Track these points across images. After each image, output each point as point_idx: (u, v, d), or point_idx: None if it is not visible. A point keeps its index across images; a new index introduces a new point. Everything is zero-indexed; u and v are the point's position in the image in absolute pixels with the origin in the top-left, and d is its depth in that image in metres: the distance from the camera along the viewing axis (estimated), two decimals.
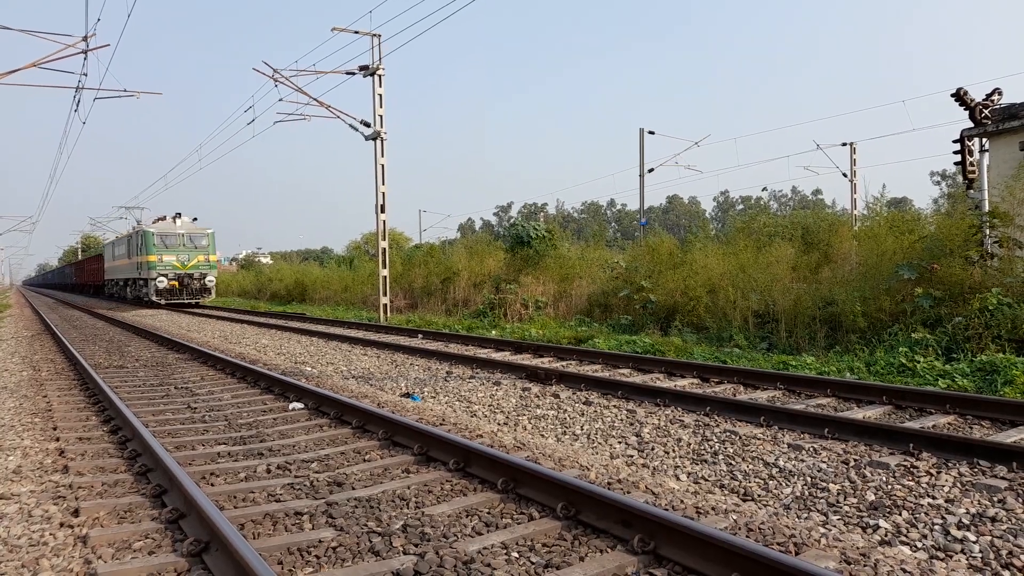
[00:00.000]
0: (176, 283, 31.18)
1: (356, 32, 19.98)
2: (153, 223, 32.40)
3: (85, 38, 16.67)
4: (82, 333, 18.49)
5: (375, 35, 20.17)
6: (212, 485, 4.81)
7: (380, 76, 20.22)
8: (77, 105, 20.30)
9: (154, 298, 30.77)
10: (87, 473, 5.16)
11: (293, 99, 21.33)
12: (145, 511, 4.32)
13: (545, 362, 11.07)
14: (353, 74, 20.50)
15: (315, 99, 20.95)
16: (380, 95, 20.27)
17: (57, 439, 6.24)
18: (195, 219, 32.95)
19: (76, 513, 4.26)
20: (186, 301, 31.68)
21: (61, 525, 4.08)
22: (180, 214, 32.35)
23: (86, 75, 18.06)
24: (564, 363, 10.91)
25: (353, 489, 4.65)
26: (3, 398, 8.47)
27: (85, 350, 13.92)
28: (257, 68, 20.23)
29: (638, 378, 9.24)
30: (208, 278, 32.20)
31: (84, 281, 55.83)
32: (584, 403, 7.79)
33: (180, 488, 4.23)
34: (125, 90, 20.21)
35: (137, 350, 13.87)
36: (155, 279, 30.58)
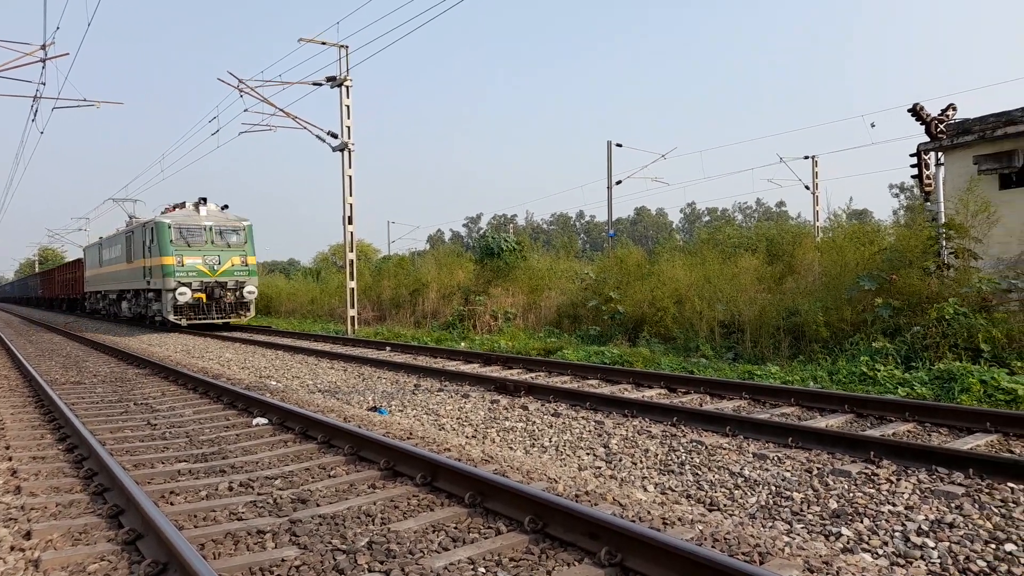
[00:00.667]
0: (203, 295, 22.29)
1: (323, 43, 19.90)
2: (165, 212, 23.34)
3: (43, 46, 16.33)
4: (38, 348, 17.98)
5: (342, 46, 20.11)
6: (171, 504, 4.69)
7: (348, 87, 20.13)
8: (35, 115, 19.93)
9: (171, 317, 21.88)
10: (40, 494, 5.00)
11: (259, 110, 21.21)
12: (101, 532, 4.19)
13: (514, 374, 11.05)
14: (320, 85, 20.40)
15: (281, 110, 20.80)
16: (348, 106, 20.19)
17: (9, 458, 6.04)
18: (226, 206, 24.10)
19: (28, 536, 4.12)
20: (216, 321, 22.75)
21: (12, 549, 3.94)
22: (205, 199, 23.55)
23: (44, 84, 17.67)
24: (533, 375, 10.91)
25: (318, 506, 4.58)
26: None
27: (40, 366, 13.53)
28: (222, 78, 19.99)
29: (606, 389, 9.28)
30: (247, 288, 23.09)
31: (54, 294, 46.83)
32: (553, 415, 7.78)
33: (137, 507, 4.12)
34: (85, 99, 19.87)
35: (95, 365, 13.52)
36: (174, 290, 21.64)
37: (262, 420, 7.41)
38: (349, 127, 20.22)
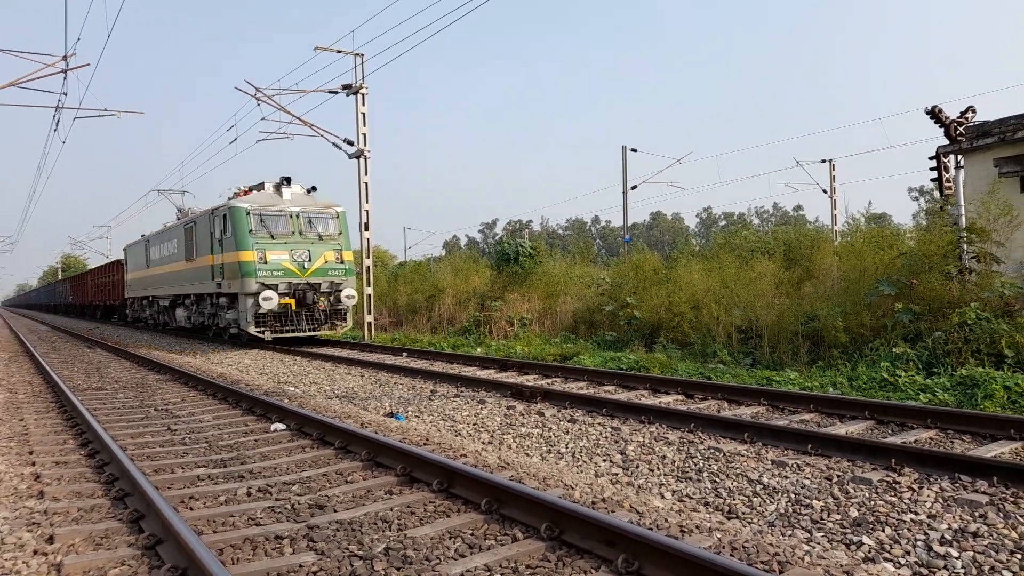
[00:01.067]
0: (291, 301, 17.41)
1: (339, 51, 20.05)
2: (236, 196, 18.61)
3: (65, 57, 16.62)
4: (61, 355, 18.23)
5: (358, 54, 20.25)
6: (191, 509, 4.73)
7: (363, 95, 20.27)
8: (57, 125, 20.22)
9: (252, 329, 17.10)
10: (63, 498, 5.06)
11: (276, 118, 21.38)
12: (122, 537, 4.24)
13: (530, 380, 11.04)
14: (336, 93, 20.54)
15: (298, 118, 20.96)
16: (363, 114, 20.31)
17: (33, 463, 6.12)
18: (313, 189, 19.52)
19: (51, 540, 4.17)
20: (306, 334, 18.02)
21: (35, 553, 3.99)
22: (289, 179, 18.95)
23: (66, 95, 17.97)
24: (549, 380, 10.89)
25: (335, 511, 4.60)
26: None
27: (63, 372, 13.71)
28: (239, 87, 20.18)
29: (623, 395, 9.24)
30: (345, 291, 18.20)
31: (87, 300, 42.23)
32: (569, 421, 7.76)
33: (158, 513, 4.16)
34: (106, 109, 20.18)
35: (117, 371, 13.68)
36: (256, 294, 16.78)
37: (280, 426, 7.46)
38: (365, 134, 20.34)
